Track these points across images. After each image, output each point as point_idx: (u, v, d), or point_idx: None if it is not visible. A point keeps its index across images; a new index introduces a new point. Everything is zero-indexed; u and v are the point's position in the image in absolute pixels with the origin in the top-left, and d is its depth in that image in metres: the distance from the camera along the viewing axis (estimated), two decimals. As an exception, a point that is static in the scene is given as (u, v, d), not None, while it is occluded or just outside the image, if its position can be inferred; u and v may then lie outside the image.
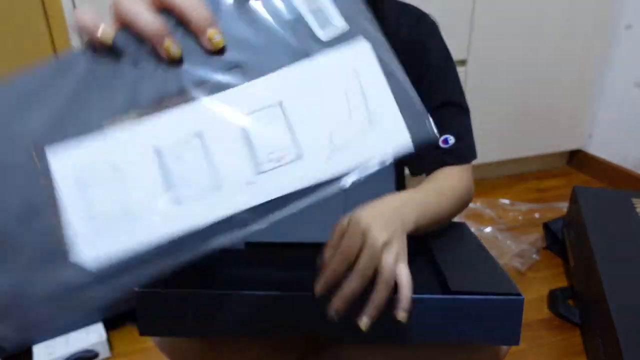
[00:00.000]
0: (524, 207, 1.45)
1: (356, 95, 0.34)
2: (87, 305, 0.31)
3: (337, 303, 0.45)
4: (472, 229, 0.70)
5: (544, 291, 1.06)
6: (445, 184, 0.63)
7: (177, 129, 0.33)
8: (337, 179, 0.33)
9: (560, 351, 0.91)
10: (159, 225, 0.32)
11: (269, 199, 0.33)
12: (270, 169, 0.33)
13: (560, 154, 1.76)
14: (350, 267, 0.46)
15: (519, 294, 0.48)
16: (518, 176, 1.69)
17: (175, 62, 0.33)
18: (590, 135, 1.68)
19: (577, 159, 1.74)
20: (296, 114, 0.34)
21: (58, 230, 0.31)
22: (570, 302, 1.02)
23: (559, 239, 1.24)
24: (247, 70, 0.34)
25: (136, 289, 0.50)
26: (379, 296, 0.45)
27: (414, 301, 0.46)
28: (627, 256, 0.96)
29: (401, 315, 0.45)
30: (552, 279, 1.13)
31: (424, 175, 0.69)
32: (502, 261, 1.17)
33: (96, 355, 0.92)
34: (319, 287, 0.46)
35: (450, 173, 0.66)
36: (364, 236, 0.47)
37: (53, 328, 0.31)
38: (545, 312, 1.01)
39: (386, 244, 0.47)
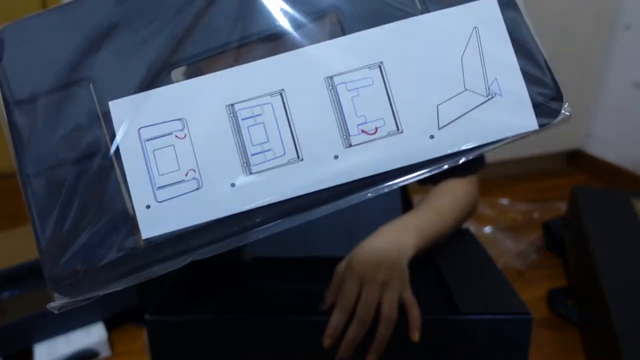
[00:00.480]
0: (524, 206, 1.45)
1: (474, 61, 0.28)
2: (137, 274, 0.27)
3: (343, 351, 0.47)
4: (472, 229, 0.70)
5: (543, 291, 1.06)
6: (446, 202, 0.62)
7: (255, 84, 0.27)
8: (440, 159, 0.27)
9: (559, 351, 0.91)
10: (228, 198, 0.27)
11: (357, 178, 0.27)
12: (361, 143, 0.27)
13: (560, 154, 1.76)
14: (351, 314, 0.48)
15: (527, 313, 0.48)
16: (517, 176, 1.69)
17: None
18: (590, 135, 1.68)
19: (576, 159, 1.74)
20: (398, 79, 0.27)
21: (119, 198, 0.27)
22: (570, 301, 1.02)
23: (558, 239, 1.24)
24: (345, 20, 0.28)
25: (147, 316, 0.49)
26: (382, 334, 0.47)
27: (422, 321, 0.47)
28: (627, 256, 0.96)
29: (415, 335, 0.46)
30: (552, 278, 1.13)
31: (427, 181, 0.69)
32: (501, 261, 1.18)
33: (97, 354, 0.92)
34: (326, 342, 0.48)
35: (455, 186, 0.65)
36: (359, 284, 0.48)
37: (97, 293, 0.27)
38: (544, 311, 1.01)
39: (384, 284, 0.48)
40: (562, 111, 0.28)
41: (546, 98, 0.28)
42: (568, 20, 1.48)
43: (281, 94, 0.27)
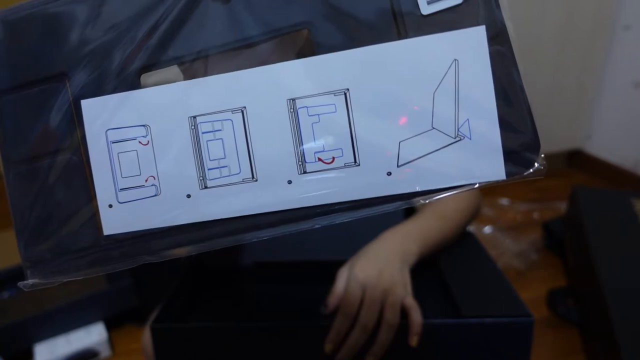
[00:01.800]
0: (523, 206, 1.45)
1: (447, 97, 0.25)
2: (99, 267, 0.29)
3: (343, 355, 0.48)
4: (472, 229, 0.70)
5: (543, 291, 1.07)
6: (449, 206, 0.62)
7: (218, 98, 0.27)
8: (396, 197, 0.26)
9: (558, 350, 0.91)
10: (182, 208, 0.27)
11: (307, 206, 0.26)
12: (316, 170, 0.26)
13: (560, 154, 1.76)
14: (353, 320, 0.48)
15: (528, 315, 0.48)
16: (517, 176, 1.69)
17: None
18: (589, 136, 1.68)
19: (576, 159, 1.75)
20: (363, 108, 0.26)
21: (84, 195, 0.28)
22: (570, 301, 1.03)
23: (558, 239, 1.24)
24: (317, 38, 0.26)
25: (152, 324, 0.49)
26: (382, 339, 0.47)
27: (423, 325, 0.47)
28: (626, 256, 0.96)
29: (414, 340, 0.46)
30: (551, 278, 1.13)
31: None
32: (501, 261, 1.18)
33: (97, 354, 0.93)
34: (328, 347, 0.48)
35: None
36: (362, 291, 0.48)
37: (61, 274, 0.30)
38: (544, 311, 1.01)
39: (386, 291, 0.48)
40: (536, 163, 0.25)
41: (521, 147, 0.25)
42: (568, 20, 1.48)
43: (242, 112, 0.27)
